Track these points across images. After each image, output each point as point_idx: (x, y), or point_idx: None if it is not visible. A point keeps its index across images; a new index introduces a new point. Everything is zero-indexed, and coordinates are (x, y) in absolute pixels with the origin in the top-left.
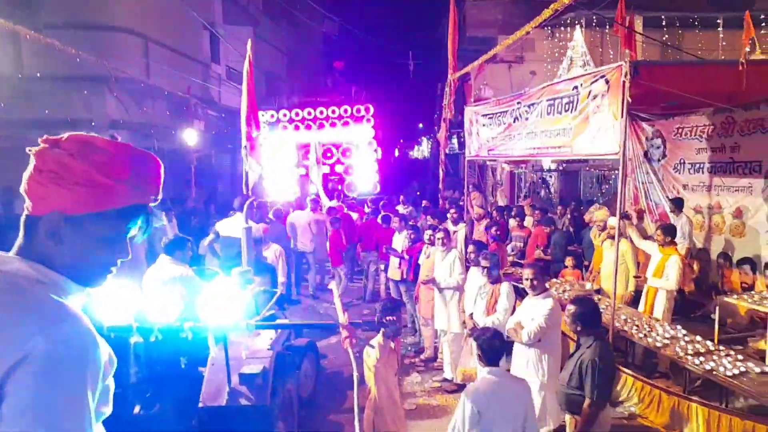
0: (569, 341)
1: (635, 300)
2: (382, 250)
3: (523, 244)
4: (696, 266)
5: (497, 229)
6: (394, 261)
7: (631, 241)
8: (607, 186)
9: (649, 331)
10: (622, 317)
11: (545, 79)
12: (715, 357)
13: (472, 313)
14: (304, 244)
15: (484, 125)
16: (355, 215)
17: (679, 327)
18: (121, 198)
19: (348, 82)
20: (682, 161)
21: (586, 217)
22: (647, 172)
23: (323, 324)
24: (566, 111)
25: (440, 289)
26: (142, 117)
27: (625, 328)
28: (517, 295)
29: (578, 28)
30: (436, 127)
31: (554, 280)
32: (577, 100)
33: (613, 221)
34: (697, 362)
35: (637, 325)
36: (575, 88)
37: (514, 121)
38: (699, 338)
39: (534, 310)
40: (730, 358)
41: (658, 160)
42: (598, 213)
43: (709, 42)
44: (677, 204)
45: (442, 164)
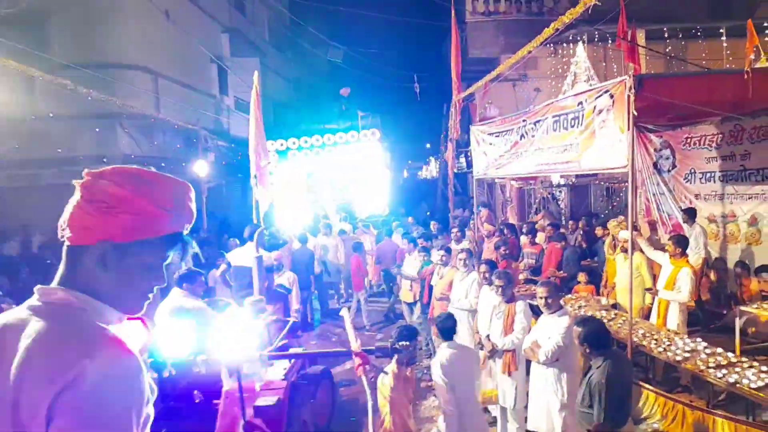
0: None
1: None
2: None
3: (535, 260)
4: (713, 276)
5: (506, 248)
6: (405, 283)
7: (642, 252)
8: (618, 199)
9: (668, 345)
10: (640, 332)
11: (550, 95)
12: (738, 369)
13: (489, 335)
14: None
15: (491, 144)
16: (367, 240)
17: (699, 339)
18: (165, 225)
19: (355, 108)
20: (692, 171)
21: (599, 231)
22: (658, 184)
23: (336, 352)
24: (572, 126)
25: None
26: (154, 151)
27: (644, 343)
28: (533, 313)
29: (580, 44)
30: (443, 147)
31: (569, 296)
32: (583, 116)
33: (624, 234)
34: (720, 375)
35: (656, 339)
36: (580, 104)
37: (521, 139)
38: (720, 350)
39: (550, 329)
40: (754, 370)
41: (669, 171)
42: (623, 233)
43: (713, 52)
44: (690, 214)
45: (451, 183)
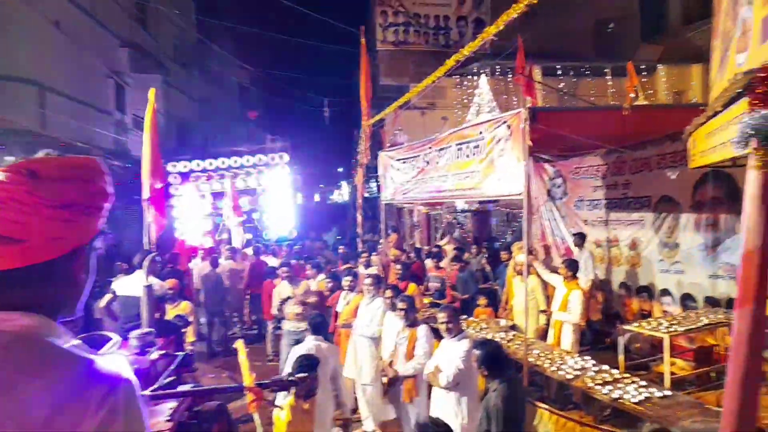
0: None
1: (546, 333)
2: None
3: (440, 284)
4: (600, 297)
5: (402, 267)
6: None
7: (538, 275)
8: (517, 224)
9: (561, 364)
10: (535, 352)
11: (456, 124)
12: (621, 385)
13: (392, 361)
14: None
15: (398, 169)
16: (274, 260)
17: (588, 358)
18: (107, 214)
19: (263, 130)
20: (581, 198)
21: (504, 255)
22: (551, 210)
23: (225, 387)
24: (474, 155)
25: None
26: None
27: (539, 363)
28: (438, 337)
29: (483, 76)
30: (353, 172)
31: (471, 319)
32: (483, 144)
33: (521, 258)
34: (606, 391)
35: (550, 359)
36: (481, 133)
37: (427, 165)
38: (606, 367)
39: (451, 353)
40: (635, 385)
41: (561, 198)
42: (520, 257)
43: (600, 89)
44: (580, 239)
45: (360, 208)
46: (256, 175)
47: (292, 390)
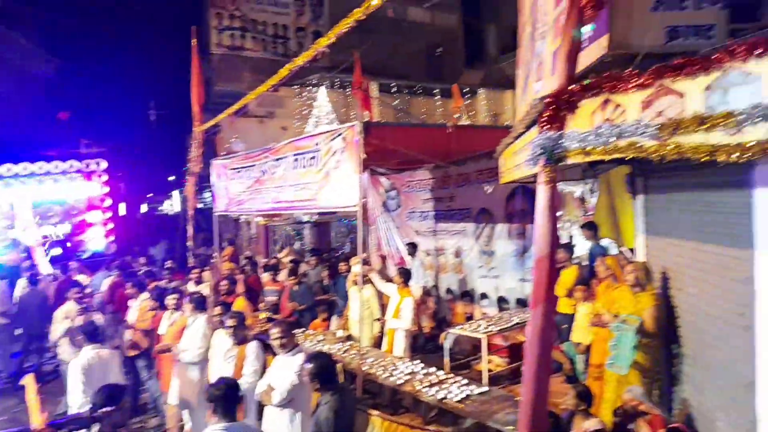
0: None
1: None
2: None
3: (277, 298)
4: (431, 303)
5: (229, 282)
6: (128, 333)
7: (374, 285)
8: (354, 235)
9: (393, 370)
10: (370, 360)
11: (296, 135)
12: (446, 385)
13: None
14: None
15: (232, 179)
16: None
17: (417, 362)
18: None
19: (78, 133)
20: (413, 210)
21: (342, 266)
22: (387, 221)
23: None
24: (310, 166)
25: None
26: None
27: (372, 371)
28: (273, 353)
29: (323, 88)
30: (184, 181)
31: (308, 331)
32: (320, 156)
33: (357, 269)
34: (431, 393)
35: (383, 366)
36: (317, 144)
37: (263, 175)
38: (434, 369)
39: (285, 369)
40: (457, 384)
41: (395, 210)
42: (356, 267)
43: (430, 108)
44: (412, 248)
45: (191, 220)
46: (67, 182)
47: (95, 427)
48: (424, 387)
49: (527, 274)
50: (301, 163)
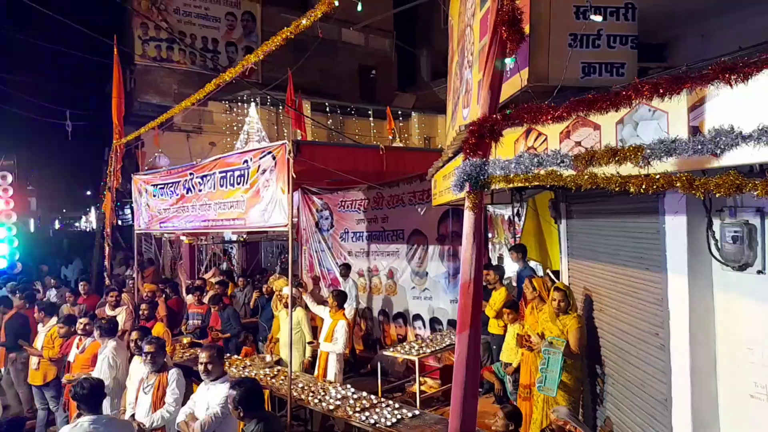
0: None
1: (313, 365)
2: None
3: (201, 321)
4: (363, 325)
5: (149, 306)
6: (33, 362)
7: (306, 308)
8: (286, 255)
9: (323, 396)
10: (300, 385)
11: (225, 150)
12: (378, 409)
13: (134, 414)
14: None
15: (154, 195)
16: None
17: (348, 386)
18: None
19: None
20: (346, 230)
21: (265, 288)
22: (319, 241)
23: None
24: (239, 184)
25: None
26: None
27: (303, 397)
28: (196, 379)
29: (253, 105)
30: (101, 196)
31: (235, 357)
32: (248, 174)
33: (287, 290)
34: (363, 418)
35: (313, 392)
36: (245, 162)
37: (188, 192)
38: (365, 393)
39: (210, 397)
40: (389, 408)
41: (328, 230)
42: (277, 283)
43: (364, 129)
44: (345, 269)
45: (108, 238)
46: None
47: None
48: (355, 412)
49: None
50: (228, 181)
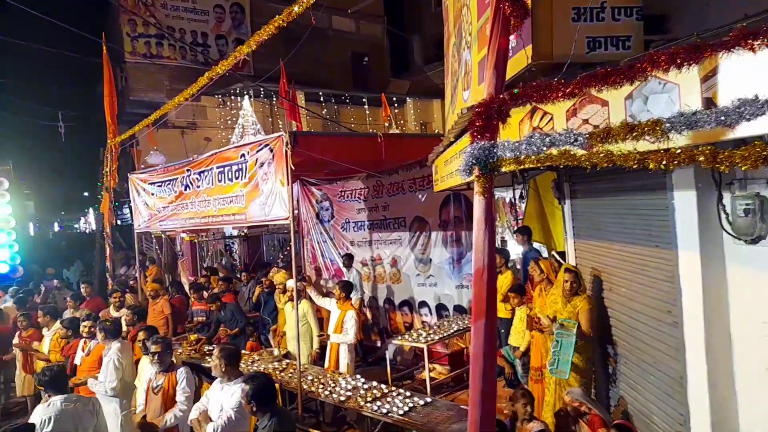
0: None
1: (322, 357)
2: None
3: (205, 317)
4: (369, 314)
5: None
6: (40, 365)
7: (311, 300)
8: (288, 248)
9: (333, 387)
10: (309, 378)
11: (221, 145)
12: (389, 399)
13: (146, 415)
14: None
15: (152, 194)
16: None
17: (358, 376)
18: None
19: None
20: (347, 220)
21: (264, 281)
22: (321, 232)
23: None
24: (237, 178)
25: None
26: None
27: (313, 389)
28: (205, 376)
29: (247, 98)
30: (99, 197)
31: (243, 351)
32: (246, 168)
33: (291, 283)
34: (375, 408)
35: (323, 383)
36: (243, 155)
37: (186, 189)
38: (375, 383)
39: (223, 399)
40: (401, 397)
41: (329, 221)
42: (278, 276)
43: (359, 117)
44: (348, 259)
45: (108, 238)
46: None
47: None
48: (367, 402)
49: (464, 280)
50: (227, 176)
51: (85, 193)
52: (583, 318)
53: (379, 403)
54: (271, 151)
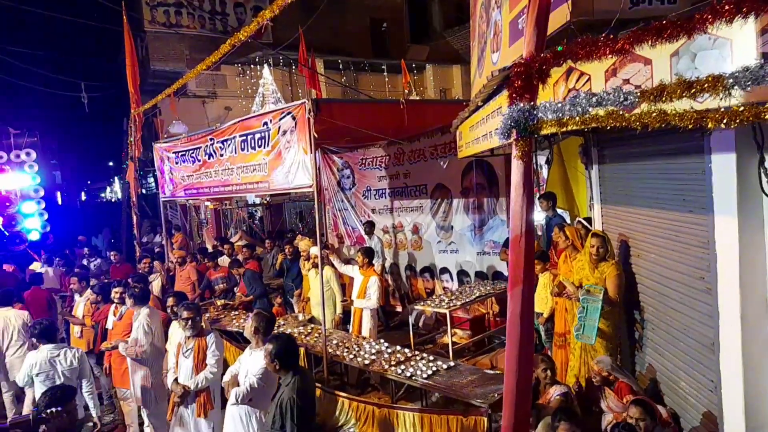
0: None
1: (345, 322)
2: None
3: (225, 283)
4: (390, 280)
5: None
6: (75, 330)
7: (334, 267)
8: (310, 216)
9: (358, 351)
10: (334, 342)
11: (241, 114)
12: (413, 363)
13: (177, 378)
14: None
15: (176, 163)
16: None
17: (382, 341)
18: None
19: (4, 123)
20: (368, 188)
21: (287, 248)
22: (342, 200)
23: None
24: (260, 146)
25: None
26: None
27: (338, 353)
28: (234, 340)
29: (266, 66)
30: (124, 166)
31: None
32: (269, 136)
33: (315, 250)
34: (399, 371)
35: (348, 347)
36: (265, 123)
37: (209, 158)
38: (399, 347)
39: (249, 365)
40: (424, 361)
41: (350, 189)
42: (302, 243)
43: (378, 84)
44: (369, 227)
45: (134, 207)
46: None
47: (41, 429)
48: (391, 366)
49: (486, 246)
50: (249, 144)
51: (110, 163)
52: (610, 284)
53: (403, 366)
54: (294, 119)
